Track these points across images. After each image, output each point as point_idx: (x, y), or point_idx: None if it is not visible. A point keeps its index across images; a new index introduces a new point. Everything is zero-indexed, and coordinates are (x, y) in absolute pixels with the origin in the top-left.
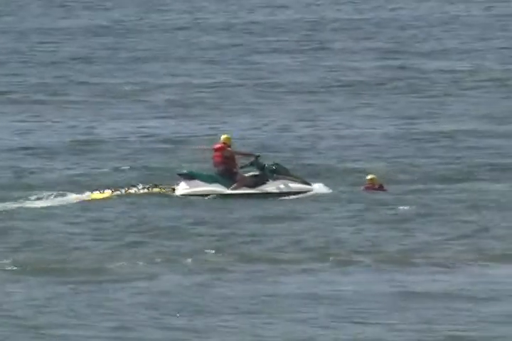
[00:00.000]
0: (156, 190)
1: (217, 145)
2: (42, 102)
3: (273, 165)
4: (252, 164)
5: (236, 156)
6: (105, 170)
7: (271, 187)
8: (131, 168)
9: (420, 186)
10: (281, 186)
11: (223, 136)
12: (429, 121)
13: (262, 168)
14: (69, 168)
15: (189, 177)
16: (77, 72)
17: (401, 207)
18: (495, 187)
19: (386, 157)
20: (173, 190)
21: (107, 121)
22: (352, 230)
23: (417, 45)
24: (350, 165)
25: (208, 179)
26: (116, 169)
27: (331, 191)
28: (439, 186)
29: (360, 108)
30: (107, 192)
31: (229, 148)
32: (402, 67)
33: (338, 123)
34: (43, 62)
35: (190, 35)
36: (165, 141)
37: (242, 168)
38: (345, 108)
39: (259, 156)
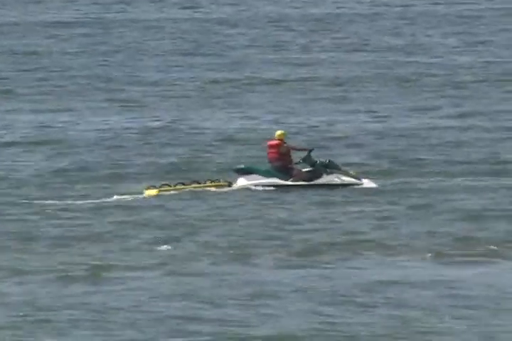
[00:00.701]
0: (208, 185)
1: (273, 142)
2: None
3: (325, 160)
4: (304, 160)
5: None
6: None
7: (325, 180)
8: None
9: (401, 179)
10: (336, 179)
11: (278, 132)
12: (401, 116)
13: (313, 164)
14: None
15: (247, 172)
16: (46, 66)
17: (386, 200)
18: (469, 181)
19: (362, 151)
20: (229, 184)
21: (82, 116)
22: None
23: (384, 39)
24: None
25: (266, 173)
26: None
27: (376, 186)
28: (418, 179)
29: (335, 102)
30: (164, 188)
31: (285, 144)
32: (371, 62)
33: (310, 118)
34: (12, 54)
35: (160, 29)
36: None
37: (296, 164)
38: (318, 102)
39: (312, 150)
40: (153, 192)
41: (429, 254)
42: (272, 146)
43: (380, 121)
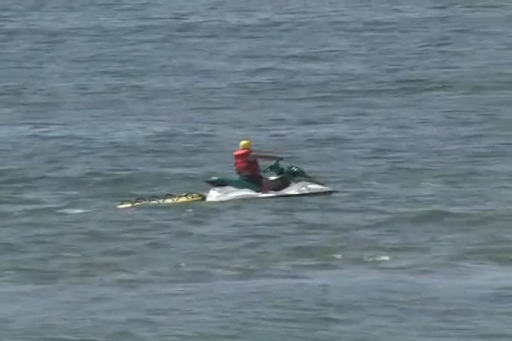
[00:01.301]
0: (182, 199)
1: (240, 152)
2: None
3: (292, 167)
4: (271, 168)
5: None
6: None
7: (294, 189)
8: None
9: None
10: (303, 188)
11: (243, 142)
12: (303, 124)
13: (280, 171)
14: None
15: (220, 183)
16: None
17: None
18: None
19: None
20: (203, 198)
21: None
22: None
23: (288, 47)
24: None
25: (238, 184)
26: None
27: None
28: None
29: (240, 111)
30: (133, 202)
31: (252, 153)
32: (271, 70)
33: (211, 128)
34: None
35: (64, 38)
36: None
37: (263, 171)
38: (220, 111)
39: (282, 158)
40: (126, 206)
41: (355, 260)
42: (238, 156)
43: (285, 129)
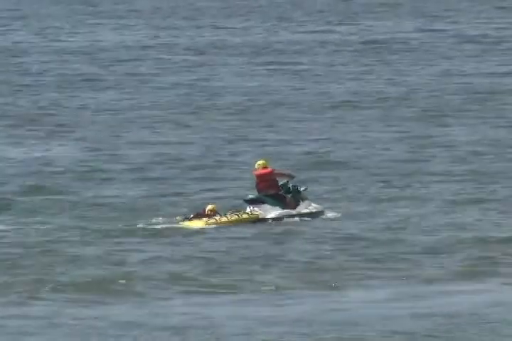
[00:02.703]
0: (245, 216)
1: (264, 171)
2: None
3: (298, 186)
4: (283, 186)
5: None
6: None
7: (303, 208)
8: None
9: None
10: (310, 207)
11: (261, 161)
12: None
13: (288, 190)
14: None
15: (259, 202)
16: None
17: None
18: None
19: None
20: (257, 216)
21: None
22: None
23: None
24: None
25: (273, 202)
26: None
27: (339, 215)
28: None
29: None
30: (202, 221)
31: (275, 171)
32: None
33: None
34: None
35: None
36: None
37: None
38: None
39: (295, 177)
40: (199, 224)
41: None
42: (262, 175)
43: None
